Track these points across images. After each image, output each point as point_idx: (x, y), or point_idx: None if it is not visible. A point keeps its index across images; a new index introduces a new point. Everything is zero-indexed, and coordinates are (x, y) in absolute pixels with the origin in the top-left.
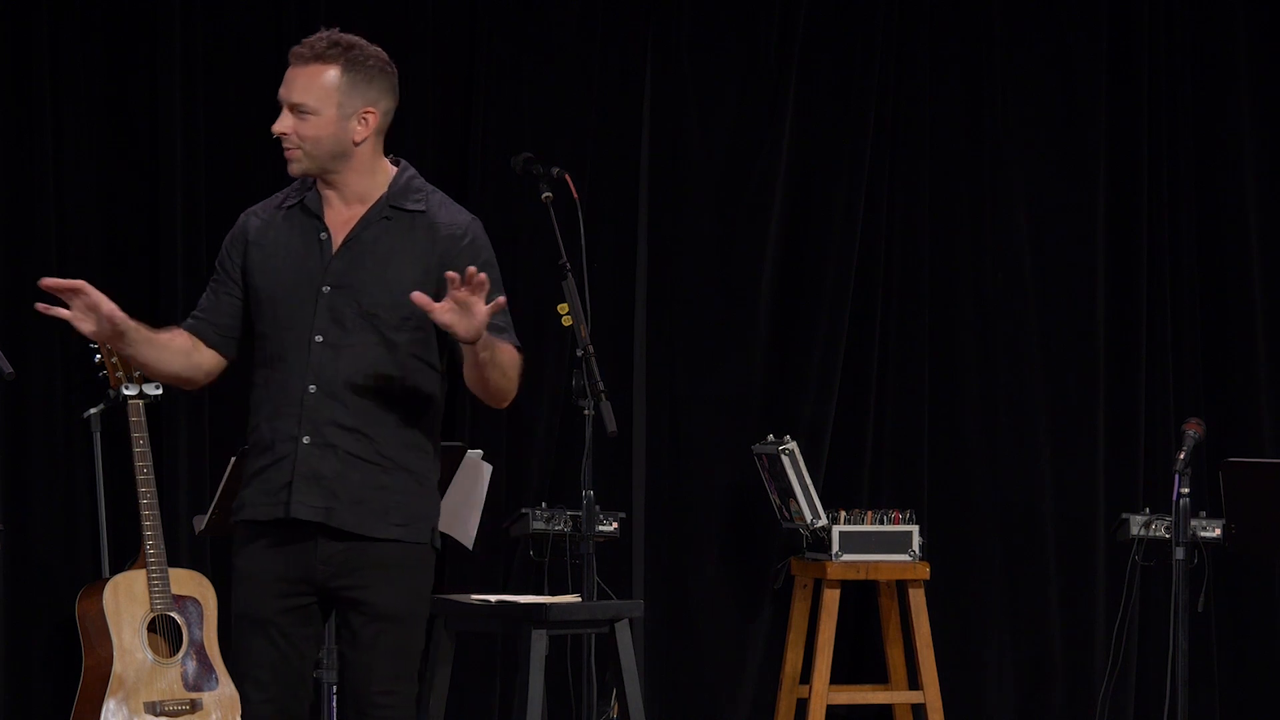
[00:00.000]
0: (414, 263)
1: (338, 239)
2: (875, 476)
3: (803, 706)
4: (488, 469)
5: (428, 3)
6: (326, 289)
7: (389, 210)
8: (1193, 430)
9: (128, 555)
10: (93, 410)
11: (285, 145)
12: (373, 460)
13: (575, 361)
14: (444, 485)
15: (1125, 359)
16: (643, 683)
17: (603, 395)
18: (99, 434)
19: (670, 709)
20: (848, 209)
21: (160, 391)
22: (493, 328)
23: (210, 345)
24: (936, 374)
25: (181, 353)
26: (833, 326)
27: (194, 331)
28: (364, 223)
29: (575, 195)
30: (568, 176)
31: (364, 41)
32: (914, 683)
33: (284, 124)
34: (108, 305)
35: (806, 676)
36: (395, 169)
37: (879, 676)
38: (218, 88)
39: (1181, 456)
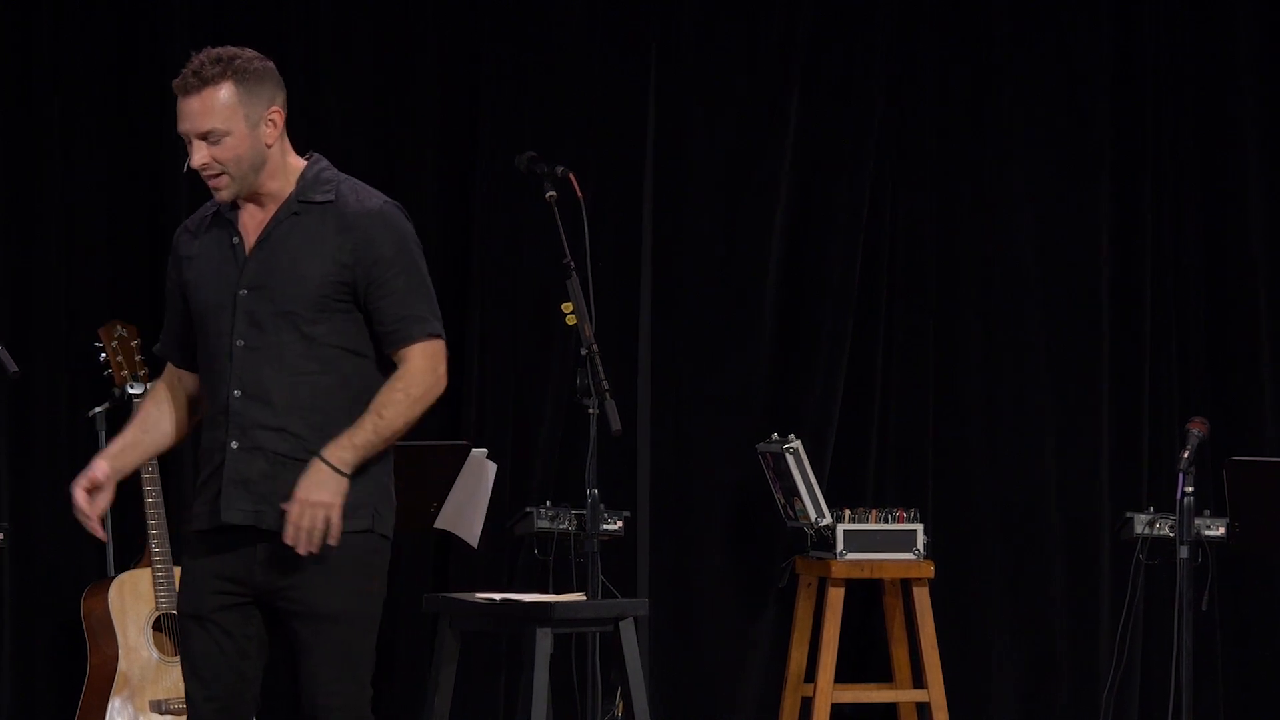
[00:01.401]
0: (324, 254)
1: (250, 242)
2: (880, 475)
3: (807, 705)
4: (492, 467)
5: (429, 3)
6: (243, 293)
7: (298, 205)
8: (1197, 429)
9: (133, 554)
10: (97, 409)
11: (208, 174)
12: (301, 458)
13: (580, 360)
14: (448, 484)
15: (1129, 357)
16: (647, 681)
17: (607, 394)
18: (104, 433)
19: (675, 707)
20: (852, 208)
21: None
22: (409, 319)
23: (183, 366)
24: (941, 372)
25: (169, 416)
26: (837, 325)
27: (165, 357)
28: (274, 221)
29: (579, 194)
30: (572, 175)
31: (236, 49)
32: (919, 681)
33: (201, 155)
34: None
35: (811, 675)
36: (305, 163)
37: (884, 675)
38: None
39: (1185, 455)
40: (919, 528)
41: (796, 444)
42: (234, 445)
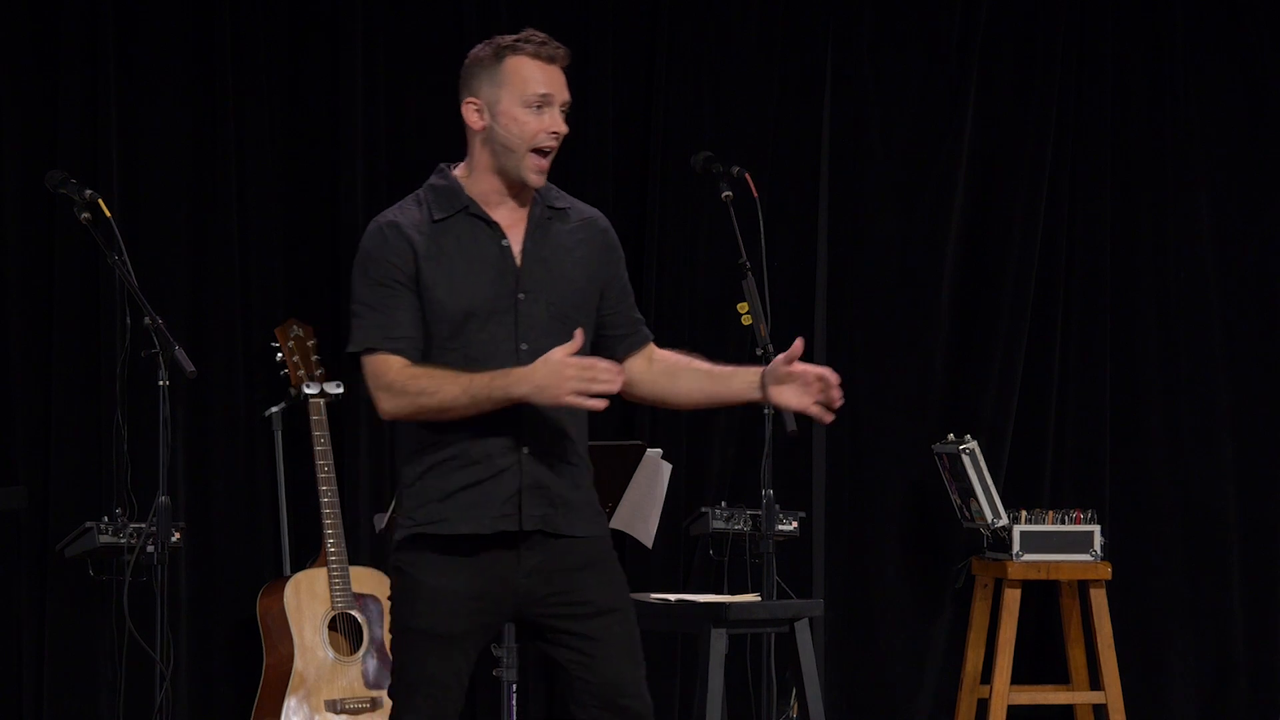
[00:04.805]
0: (582, 260)
1: (516, 244)
2: (1056, 476)
3: (984, 706)
4: (667, 468)
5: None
6: (521, 296)
7: (548, 210)
8: None
9: (309, 553)
10: (274, 409)
11: (549, 146)
12: (574, 461)
13: (755, 361)
14: (623, 484)
15: None
16: (822, 682)
17: None
18: (280, 432)
19: (850, 708)
20: (1029, 207)
21: (341, 390)
22: (640, 320)
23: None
24: (1118, 372)
25: None
26: (1013, 324)
27: (400, 353)
28: (534, 223)
29: (755, 194)
30: (748, 175)
31: None
32: (1095, 683)
33: (562, 123)
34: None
35: (987, 676)
36: None
37: (1060, 677)
38: (398, 84)
39: None
40: (1096, 529)
41: (973, 445)
42: (526, 450)
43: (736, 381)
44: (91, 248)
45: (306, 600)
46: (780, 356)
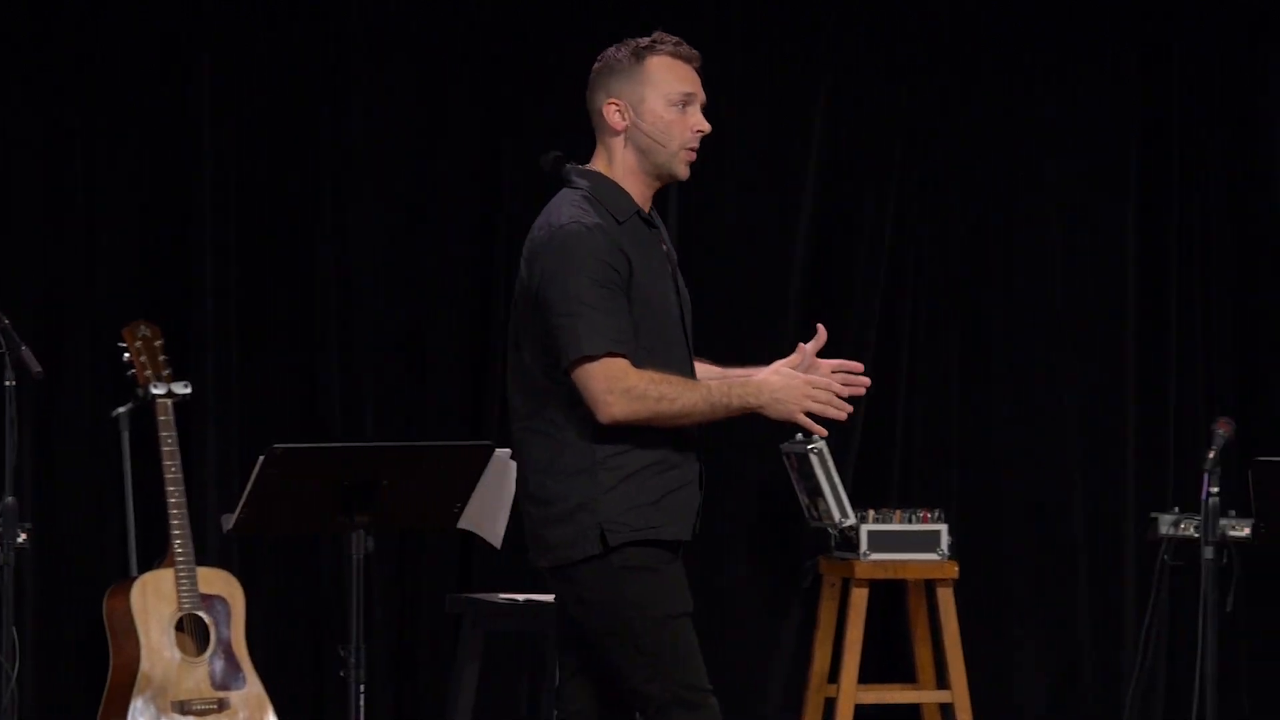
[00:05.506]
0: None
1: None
2: (904, 476)
3: (830, 705)
4: (515, 468)
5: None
6: (680, 299)
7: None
8: (1223, 429)
9: (156, 554)
10: (121, 409)
11: (695, 146)
12: None
13: None
14: (472, 484)
15: (1155, 357)
16: None
17: None
18: (127, 433)
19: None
20: (878, 206)
21: (189, 390)
22: None
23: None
24: (965, 372)
25: None
26: (861, 324)
27: (629, 356)
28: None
29: None
30: None
31: None
32: (942, 682)
33: (706, 122)
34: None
35: (834, 675)
36: None
37: (907, 676)
38: (248, 83)
39: (1211, 455)
40: (943, 528)
41: (820, 444)
42: (698, 460)
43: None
44: None
45: (153, 601)
46: (806, 347)
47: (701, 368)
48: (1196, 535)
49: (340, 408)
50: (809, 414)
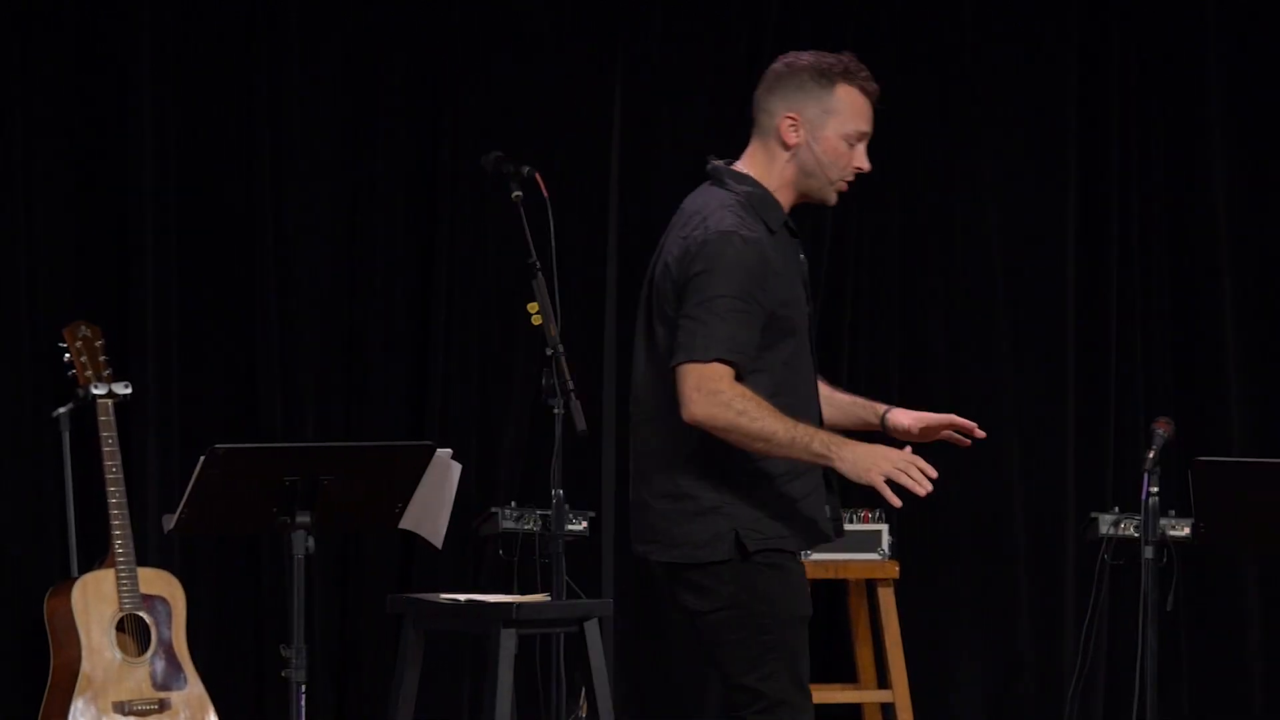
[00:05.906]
0: None
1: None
2: (844, 475)
3: None
4: (457, 468)
5: (397, 3)
6: (811, 312)
7: None
8: (1162, 429)
9: (96, 554)
10: (61, 410)
11: (851, 180)
12: None
13: (545, 360)
14: (413, 484)
15: (1094, 358)
16: (612, 682)
17: (572, 394)
18: (68, 433)
19: (639, 708)
20: (815, 209)
21: (129, 391)
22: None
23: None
24: (905, 372)
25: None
26: None
27: (737, 370)
28: None
29: (546, 194)
30: (538, 175)
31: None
32: (883, 682)
33: (868, 161)
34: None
35: None
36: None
37: (848, 675)
38: (188, 78)
39: (1151, 455)
40: (884, 528)
41: None
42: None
43: (859, 411)
44: None
45: (94, 601)
46: (956, 420)
47: (837, 395)
48: (1136, 535)
49: (281, 408)
50: (890, 482)
